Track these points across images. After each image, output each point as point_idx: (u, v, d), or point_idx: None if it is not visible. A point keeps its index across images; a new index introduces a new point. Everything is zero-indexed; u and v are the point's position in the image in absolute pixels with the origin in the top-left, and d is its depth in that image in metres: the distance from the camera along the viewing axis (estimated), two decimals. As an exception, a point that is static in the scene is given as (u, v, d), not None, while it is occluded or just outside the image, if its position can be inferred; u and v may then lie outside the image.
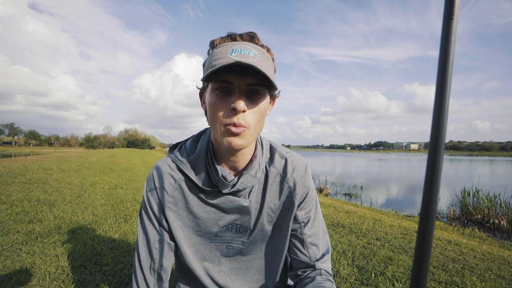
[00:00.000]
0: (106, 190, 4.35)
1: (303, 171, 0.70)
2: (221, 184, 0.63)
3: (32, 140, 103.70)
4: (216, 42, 0.57)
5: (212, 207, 0.67)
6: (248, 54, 0.53)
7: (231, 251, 0.72)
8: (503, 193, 5.30)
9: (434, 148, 0.20)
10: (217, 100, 0.55)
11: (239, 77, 0.53)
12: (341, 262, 1.99)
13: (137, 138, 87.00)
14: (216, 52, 0.55)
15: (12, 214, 2.66)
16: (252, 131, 0.57)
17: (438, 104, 0.20)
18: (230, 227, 0.69)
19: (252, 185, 0.65)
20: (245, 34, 0.57)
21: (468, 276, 1.89)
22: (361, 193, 8.11)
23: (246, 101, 0.55)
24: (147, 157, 17.95)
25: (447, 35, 0.20)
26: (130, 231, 2.39)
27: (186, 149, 0.68)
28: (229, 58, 0.51)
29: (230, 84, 0.54)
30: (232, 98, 0.54)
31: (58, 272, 1.60)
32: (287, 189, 0.68)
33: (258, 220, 0.69)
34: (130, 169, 8.22)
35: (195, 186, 0.66)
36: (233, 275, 0.74)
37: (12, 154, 26.68)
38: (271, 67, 0.56)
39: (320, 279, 0.66)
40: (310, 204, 0.71)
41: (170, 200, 0.66)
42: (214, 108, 0.56)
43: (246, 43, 0.55)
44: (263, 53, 0.55)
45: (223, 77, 0.54)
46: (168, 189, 0.66)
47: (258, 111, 0.57)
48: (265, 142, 0.71)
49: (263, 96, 0.57)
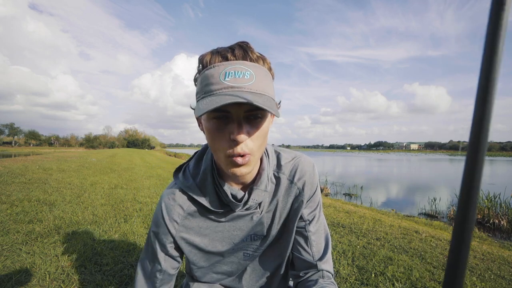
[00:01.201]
0: (106, 190, 4.35)
1: (311, 171, 0.70)
2: (232, 205, 0.62)
3: (32, 140, 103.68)
4: (206, 60, 0.52)
5: (225, 224, 0.66)
6: (244, 76, 0.49)
7: (248, 258, 0.73)
8: (503, 193, 5.30)
9: (474, 150, 0.17)
10: (215, 129, 0.52)
11: (236, 105, 0.49)
12: (341, 262, 1.99)
13: (137, 138, 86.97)
14: (208, 74, 0.51)
15: (12, 214, 2.66)
16: (257, 156, 0.56)
17: (480, 104, 0.17)
18: (244, 238, 0.69)
19: (263, 199, 0.65)
20: (237, 47, 0.52)
21: (468, 276, 1.89)
22: (361, 193, 8.10)
23: (247, 127, 0.52)
24: (147, 157, 17.95)
25: (495, 28, 0.16)
26: (130, 231, 2.39)
27: (190, 171, 0.67)
28: (223, 85, 0.49)
29: (228, 113, 0.50)
30: (231, 127, 0.51)
31: (58, 272, 1.60)
32: (296, 191, 0.68)
33: (271, 226, 0.69)
34: (130, 169, 8.22)
35: (205, 210, 0.65)
36: (247, 275, 0.76)
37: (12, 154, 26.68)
38: (268, 82, 0.53)
39: (322, 282, 0.65)
40: (316, 203, 0.72)
41: (181, 230, 0.66)
42: (213, 137, 0.53)
43: (240, 63, 0.50)
44: (259, 70, 0.52)
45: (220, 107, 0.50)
46: (178, 220, 0.65)
47: (261, 134, 0.54)
48: (270, 150, 0.70)
49: (263, 118, 0.53)
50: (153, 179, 6.15)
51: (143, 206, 3.41)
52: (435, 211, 5.87)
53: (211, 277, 0.76)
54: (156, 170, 8.42)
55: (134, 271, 1.67)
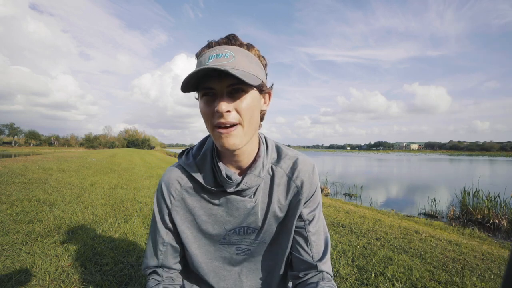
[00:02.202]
0: (106, 190, 4.35)
1: (310, 170, 0.71)
2: (225, 183, 0.64)
3: (32, 140, 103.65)
4: (197, 53, 0.60)
5: (218, 207, 0.68)
6: (224, 56, 0.55)
7: (240, 252, 0.73)
8: (503, 193, 5.30)
9: None
10: (204, 106, 0.58)
11: (219, 81, 0.55)
12: (341, 262, 1.99)
13: (137, 138, 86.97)
14: (197, 63, 0.59)
15: (12, 214, 2.66)
16: (246, 128, 0.59)
17: None
18: (237, 230, 0.70)
19: (256, 184, 0.66)
20: (223, 38, 0.59)
21: (468, 276, 1.89)
22: (361, 193, 8.10)
23: (230, 101, 0.56)
24: (147, 157, 17.96)
25: None
26: (130, 231, 2.39)
27: (193, 153, 0.71)
28: (206, 66, 0.53)
29: (213, 89, 0.56)
30: (216, 102, 0.56)
31: (58, 272, 1.60)
32: (294, 188, 0.69)
33: (265, 221, 0.70)
34: (130, 169, 8.22)
35: (200, 188, 0.68)
36: (243, 276, 0.75)
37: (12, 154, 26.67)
38: (251, 63, 0.58)
39: (323, 284, 0.65)
40: (316, 203, 0.72)
41: (177, 204, 0.69)
42: (204, 114, 0.59)
43: (222, 47, 0.57)
44: (240, 51, 0.57)
45: (205, 84, 0.56)
46: (175, 194, 0.69)
47: (245, 107, 0.57)
48: (270, 142, 0.72)
49: (247, 93, 0.57)
50: (153, 179, 6.16)
51: (143, 206, 3.41)
52: (435, 211, 5.87)
53: (208, 269, 0.73)
54: (156, 170, 8.42)
55: (134, 271, 1.67)
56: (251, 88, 0.58)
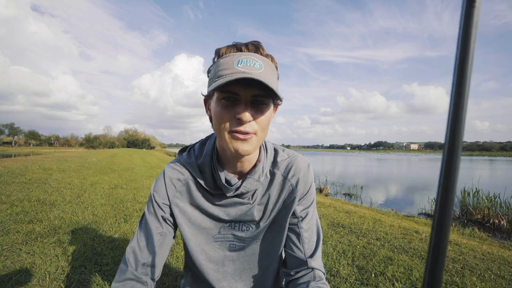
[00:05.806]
0: (106, 190, 4.35)
1: (305, 169, 0.72)
2: (224, 188, 0.66)
3: (32, 140, 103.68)
4: (222, 51, 0.58)
5: (216, 207, 0.69)
6: (254, 65, 0.55)
7: (233, 249, 0.73)
8: (503, 193, 5.30)
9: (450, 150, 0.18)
10: (223, 109, 0.57)
11: (245, 88, 0.55)
12: (341, 262, 1.99)
13: (137, 138, 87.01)
14: (222, 62, 0.56)
15: (12, 214, 2.66)
16: (259, 138, 0.60)
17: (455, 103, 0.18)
18: (233, 225, 0.71)
19: (255, 188, 0.68)
20: (250, 43, 0.59)
21: (468, 276, 1.89)
22: (361, 193, 8.10)
23: (251, 111, 0.57)
24: (147, 157, 17.95)
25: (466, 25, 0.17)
26: (130, 231, 2.39)
27: (194, 152, 0.72)
28: (236, 70, 0.53)
29: (237, 95, 0.56)
30: (238, 109, 0.56)
31: (58, 272, 1.60)
32: (289, 187, 0.70)
33: (261, 220, 0.71)
34: (130, 169, 8.22)
35: (201, 187, 0.69)
36: (237, 276, 0.75)
37: (12, 154, 26.67)
38: (275, 77, 0.59)
39: (314, 285, 0.65)
40: (309, 200, 0.73)
41: (177, 196, 0.70)
42: (220, 117, 0.58)
43: (252, 54, 0.57)
44: (268, 64, 0.57)
45: (230, 88, 0.55)
46: (176, 185, 0.70)
47: (264, 119, 0.59)
48: (269, 145, 0.73)
49: (267, 106, 0.59)
50: (153, 179, 6.15)
51: (143, 206, 3.41)
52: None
53: (204, 268, 0.74)
54: (156, 170, 8.42)
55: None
56: (270, 102, 0.59)
